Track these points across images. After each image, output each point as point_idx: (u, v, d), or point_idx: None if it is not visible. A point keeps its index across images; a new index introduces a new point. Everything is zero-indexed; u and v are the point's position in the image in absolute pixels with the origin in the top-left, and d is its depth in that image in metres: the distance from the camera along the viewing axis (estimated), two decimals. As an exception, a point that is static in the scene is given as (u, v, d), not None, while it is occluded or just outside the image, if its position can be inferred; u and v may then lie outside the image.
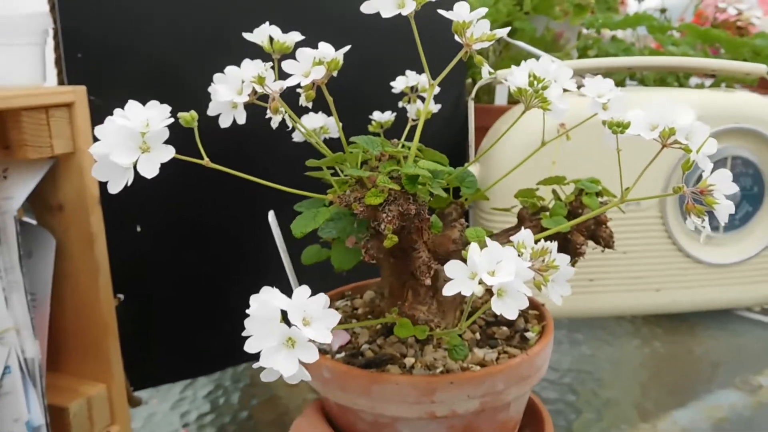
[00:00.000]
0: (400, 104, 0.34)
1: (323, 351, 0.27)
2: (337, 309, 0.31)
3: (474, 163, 0.35)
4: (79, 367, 0.35)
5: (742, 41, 0.56)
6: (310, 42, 0.26)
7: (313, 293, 0.32)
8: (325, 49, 0.25)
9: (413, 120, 0.34)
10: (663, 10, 0.66)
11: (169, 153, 0.20)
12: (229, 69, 0.25)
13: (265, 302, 0.19)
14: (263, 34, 0.26)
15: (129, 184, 0.21)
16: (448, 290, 0.20)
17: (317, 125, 0.32)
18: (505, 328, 0.27)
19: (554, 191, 0.29)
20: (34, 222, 0.35)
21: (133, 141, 0.20)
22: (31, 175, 0.32)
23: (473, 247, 0.20)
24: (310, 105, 0.25)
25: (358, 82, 0.41)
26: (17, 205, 0.32)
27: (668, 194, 0.24)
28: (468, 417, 0.24)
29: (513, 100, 0.60)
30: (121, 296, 0.37)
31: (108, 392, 0.34)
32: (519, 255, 0.21)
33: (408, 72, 0.34)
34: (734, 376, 0.42)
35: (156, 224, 0.40)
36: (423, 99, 0.34)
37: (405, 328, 0.23)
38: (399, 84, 0.33)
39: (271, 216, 0.26)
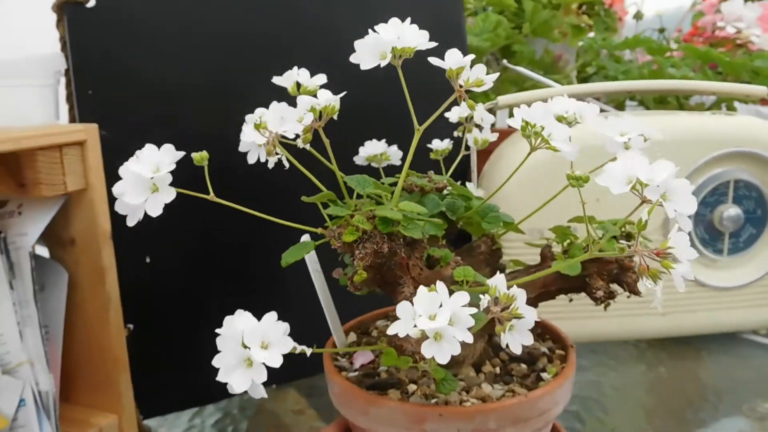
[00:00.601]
0: (455, 134, 0.35)
1: (341, 368, 0.28)
2: (376, 328, 0.32)
3: (478, 190, 0.35)
4: (91, 398, 0.36)
5: (742, 62, 0.56)
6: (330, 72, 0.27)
7: (360, 313, 0.32)
8: (323, 95, 0.26)
9: (467, 149, 0.34)
10: (661, 30, 0.67)
11: (171, 194, 0.23)
12: (258, 111, 0.27)
13: (231, 324, 0.22)
14: (290, 78, 0.27)
15: (141, 218, 0.24)
16: (391, 330, 0.20)
17: (378, 152, 0.33)
18: (524, 366, 0.27)
19: (588, 231, 0.28)
20: (46, 255, 0.36)
21: (144, 183, 0.23)
22: (44, 211, 0.33)
23: (420, 290, 0.21)
24: (307, 146, 0.27)
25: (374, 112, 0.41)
26: (32, 241, 0.33)
27: (586, 256, 0.23)
28: None
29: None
30: (131, 326, 0.38)
31: (119, 422, 0.35)
32: (478, 300, 0.21)
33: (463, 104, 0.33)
34: (741, 403, 0.41)
35: (165, 255, 0.40)
36: (480, 128, 0.34)
37: (390, 357, 0.24)
38: (453, 115, 0.33)
39: (305, 237, 0.27)
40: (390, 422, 0.24)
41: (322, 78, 0.27)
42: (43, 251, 0.36)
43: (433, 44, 0.25)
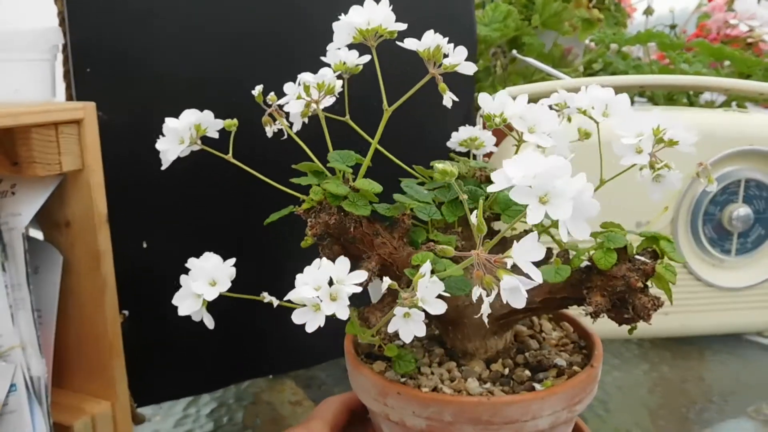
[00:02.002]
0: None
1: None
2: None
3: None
4: (84, 384, 0.35)
5: (755, 60, 0.55)
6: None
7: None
8: (324, 72, 0.27)
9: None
10: (673, 26, 0.66)
11: (183, 145, 0.28)
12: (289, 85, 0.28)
13: (192, 262, 0.26)
14: (337, 57, 0.27)
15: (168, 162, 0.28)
16: (289, 295, 0.22)
17: (467, 136, 0.33)
18: (527, 373, 0.26)
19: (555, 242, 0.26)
20: (40, 237, 0.35)
21: (175, 134, 0.28)
22: (39, 191, 0.32)
23: (317, 261, 0.22)
24: (306, 120, 0.28)
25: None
26: (25, 221, 0.32)
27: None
28: (424, 430, 0.24)
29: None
30: (126, 312, 0.37)
31: (112, 410, 0.34)
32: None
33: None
34: (747, 405, 0.41)
35: (162, 240, 0.39)
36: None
37: (352, 327, 0.24)
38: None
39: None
40: (365, 390, 0.26)
41: (365, 58, 0.27)
42: (37, 234, 0.35)
43: (403, 26, 0.25)
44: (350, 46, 0.27)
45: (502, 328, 0.27)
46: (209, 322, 0.26)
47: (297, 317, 0.21)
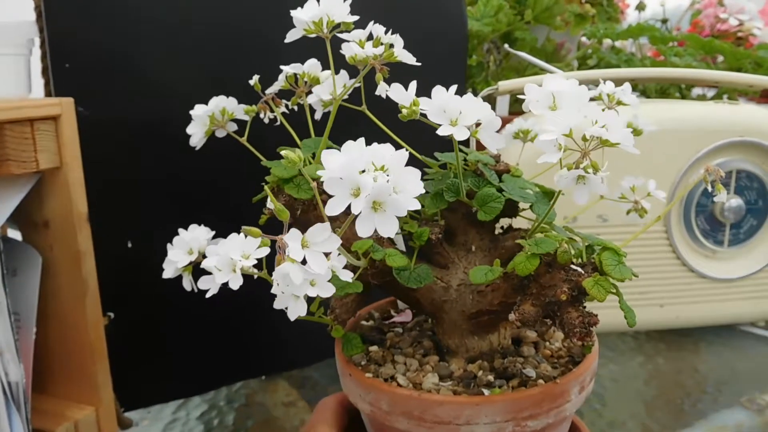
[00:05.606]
0: None
1: (387, 317, 0.30)
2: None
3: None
4: (66, 389, 0.34)
5: (745, 52, 0.55)
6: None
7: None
8: (308, 63, 0.28)
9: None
10: (665, 21, 0.66)
11: (203, 128, 0.31)
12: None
13: (179, 233, 0.29)
14: (351, 50, 0.27)
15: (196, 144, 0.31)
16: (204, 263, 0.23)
17: (520, 128, 0.33)
18: (490, 378, 0.25)
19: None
20: (19, 238, 0.34)
21: (201, 119, 0.31)
22: (14, 190, 0.31)
23: (232, 235, 0.23)
24: (295, 108, 0.30)
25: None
26: (0, 221, 0.31)
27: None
28: (369, 415, 0.25)
29: (514, 111, 0.59)
30: (111, 314, 0.36)
31: (96, 415, 0.33)
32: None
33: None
34: (740, 395, 0.41)
35: (147, 240, 0.38)
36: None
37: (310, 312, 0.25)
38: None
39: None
40: (339, 367, 0.27)
41: (373, 50, 0.27)
42: (16, 234, 0.34)
43: (354, 17, 0.25)
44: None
45: (480, 328, 0.26)
46: (188, 285, 0.28)
47: (201, 283, 0.23)
